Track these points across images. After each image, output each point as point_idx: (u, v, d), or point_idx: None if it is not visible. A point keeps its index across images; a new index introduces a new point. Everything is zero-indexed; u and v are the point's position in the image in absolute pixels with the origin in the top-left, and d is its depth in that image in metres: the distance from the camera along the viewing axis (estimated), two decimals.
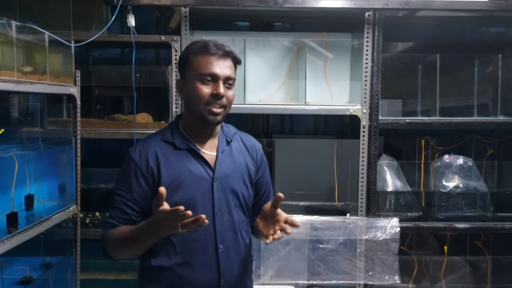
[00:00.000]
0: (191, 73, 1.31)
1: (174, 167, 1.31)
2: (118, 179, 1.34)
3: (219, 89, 1.29)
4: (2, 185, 1.77)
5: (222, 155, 1.37)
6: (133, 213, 1.33)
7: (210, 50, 1.30)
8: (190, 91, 1.31)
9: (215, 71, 1.28)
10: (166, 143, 1.35)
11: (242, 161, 1.41)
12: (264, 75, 2.41)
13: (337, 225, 2.26)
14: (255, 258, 2.23)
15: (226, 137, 1.41)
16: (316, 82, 2.38)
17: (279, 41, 2.42)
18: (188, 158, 1.33)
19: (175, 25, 2.34)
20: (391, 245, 2.24)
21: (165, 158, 1.32)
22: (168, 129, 1.39)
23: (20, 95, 2.22)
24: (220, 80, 1.29)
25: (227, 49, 1.32)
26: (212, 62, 1.29)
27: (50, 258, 2.13)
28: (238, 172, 1.38)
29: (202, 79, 1.29)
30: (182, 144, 1.35)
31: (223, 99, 1.30)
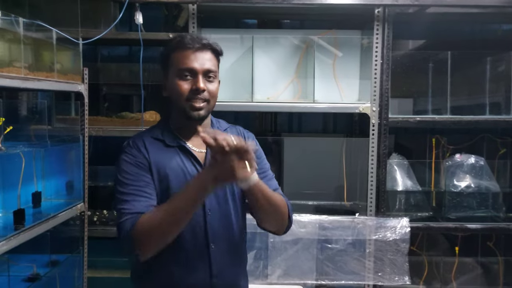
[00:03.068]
0: (171, 70, 1.29)
1: (164, 162, 1.27)
2: (119, 172, 1.29)
3: (199, 84, 1.24)
4: (9, 182, 1.77)
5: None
6: (151, 196, 1.24)
7: (186, 44, 1.26)
8: (171, 88, 1.28)
9: (192, 65, 1.25)
10: (156, 140, 1.31)
11: None
12: (272, 73, 2.39)
13: (346, 224, 2.23)
14: (262, 258, 2.21)
15: None
16: (325, 80, 2.36)
17: (287, 39, 2.40)
18: (178, 155, 1.30)
19: (183, 23, 2.33)
20: (401, 245, 2.21)
21: (156, 154, 1.28)
22: (157, 127, 1.36)
23: (29, 92, 2.22)
24: (199, 74, 1.25)
25: (204, 41, 1.27)
26: (189, 56, 1.25)
27: (57, 255, 2.13)
28: None
29: (180, 75, 1.26)
30: (172, 141, 1.31)
31: (205, 93, 1.26)
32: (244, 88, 2.33)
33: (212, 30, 2.38)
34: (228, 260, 1.32)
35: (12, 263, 1.95)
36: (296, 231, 2.21)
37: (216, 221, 1.29)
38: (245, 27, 2.70)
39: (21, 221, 1.70)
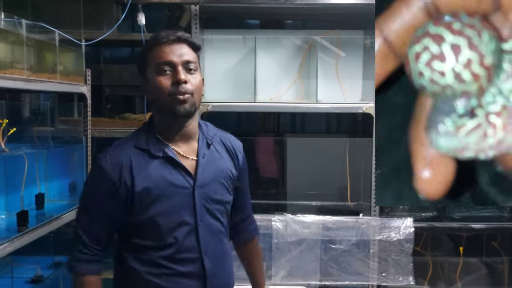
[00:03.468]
0: (148, 69, 1.21)
1: (151, 177, 1.19)
2: (87, 193, 1.22)
3: (179, 75, 1.16)
4: (12, 184, 1.77)
5: (203, 160, 1.24)
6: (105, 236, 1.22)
7: (161, 39, 1.19)
8: (152, 87, 1.19)
9: (169, 58, 1.17)
10: (140, 150, 1.21)
11: (223, 166, 1.29)
12: (275, 73, 2.39)
13: (350, 225, 2.22)
14: (266, 259, 2.20)
15: (207, 139, 1.28)
16: (328, 80, 2.35)
17: (290, 39, 2.39)
18: (165, 167, 1.20)
19: (185, 24, 2.33)
20: (405, 245, 2.20)
21: (140, 168, 1.19)
22: (141, 133, 1.25)
23: (32, 94, 2.23)
24: (179, 66, 1.17)
25: (179, 34, 1.20)
26: (165, 50, 1.18)
27: (60, 257, 2.13)
28: (221, 178, 1.27)
29: (159, 71, 1.18)
30: (158, 151, 1.21)
31: (187, 85, 1.17)
32: (247, 89, 2.33)
33: (215, 30, 2.38)
34: (221, 270, 1.28)
35: (16, 264, 1.95)
36: (299, 231, 2.21)
37: (207, 232, 1.24)
38: (247, 28, 2.70)
39: (24, 222, 1.69)
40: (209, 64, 2.37)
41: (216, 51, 2.38)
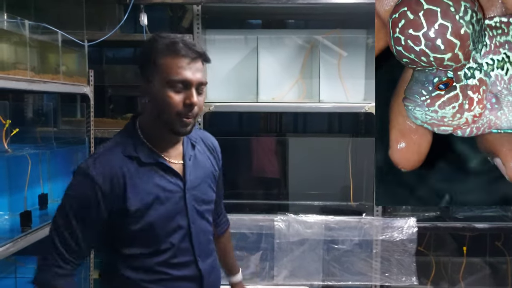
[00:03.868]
0: (159, 77, 1.13)
1: (144, 187, 1.15)
2: (70, 203, 1.13)
3: (193, 98, 1.12)
4: (16, 184, 1.78)
5: (190, 162, 1.22)
6: (86, 249, 1.16)
7: (180, 51, 1.11)
8: (159, 97, 1.13)
9: (187, 77, 1.11)
10: (129, 158, 1.16)
11: (208, 165, 1.29)
12: (277, 73, 2.38)
13: (353, 225, 2.22)
14: (268, 259, 2.20)
15: (191, 141, 1.26)
16: (330, 80, 2.35)
17: (292, 39, 2.39)
18: (156, 173, 1.17)
19: (187, 24, 2.33)
20: (408, 245, 2.19)
21: (132, 179, 1.15)
22: (128, 139, 1.19)
23: (35, 94, 2.24)
24: (193, 87, 1.12)
25: (199, 50, 1.14)
26: (183, 65, 1.11)
27: None
28: (207, 178, 1.27)
29: (172, 86, 1.11)
30: (148, 158, 1.17)
31: (196, 108, 1.14)
32: (249, 89, 2.33)
33: (217, 31, 2.38)
34: (213, 270, 1.28)
35: (20, 264, 1.96)
36: (302, 231, 2.20)
37: (199, 233, 1.24)
38: (249, 28, 2.69)
39: (27, 223, 1.70)
40: (211, 64, 2.30)
41: (218, 51, 2.38)
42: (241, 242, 2.22)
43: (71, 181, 1.16)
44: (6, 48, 1.62)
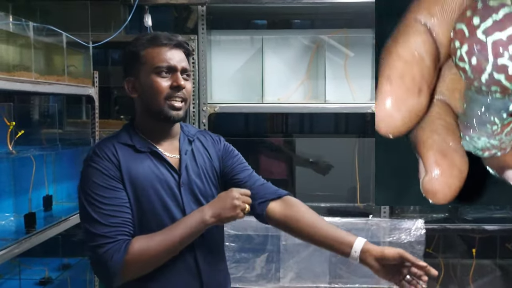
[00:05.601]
0: (144, 68, 1.17)
1: (137, 169, 1.16)
2: (89, 188, 1.12)
3: (179, 80, 1.15)
4: (21, 186, 1.78)
5: (185, 156, 1.23)
6: (130, 217, 1.13)
7: (162, 40, 1.17)
8: (146, 87, 1.17)
9: (171, 62, 1.16)
10: (125, 145, 1.18)
11: (206, 160, 1.28)
12: (282, 74, 2.37)
13: (360, 227, 2.19)
14: (274, 261, 2.19)
15: (188, 137, 1.27)
16: (336, 80, 2.33)
17: (297, 39, 2.37)
18: (150, 161, 1.18)
19: (192, 25, 2.33)
20: (416, 247, 2.17)
21: (126, 159, 1.16)
22: (123, 132, 1.22)
23: (41, 96, 2.24)
24: (178, 71, 1.17)
25: (180, 39, 1.19)
26: (166, 53, 1.17)
27: (69, 259, 2.13)
28: (205, 173, 1.25)
29: (158, 73, 1.16)
30: (143, 146, 1.19)
31: (184, 91, 1.17)
32: (254, 89, 2.31)
33: (222, 31, 2.37)
34: (215, 268, 1.25)
35: (24, 266, 1.96)
36: None
37: None
38: (255, 28, 2.68)
39: (32, 224, 1.70)
40: (216, 65, 2.36)
41: (223, 52, 2.37)
42: (246, 244, 2.20)
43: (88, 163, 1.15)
44: (11, 50, 1.62)
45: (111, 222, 1.10)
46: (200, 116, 2.20)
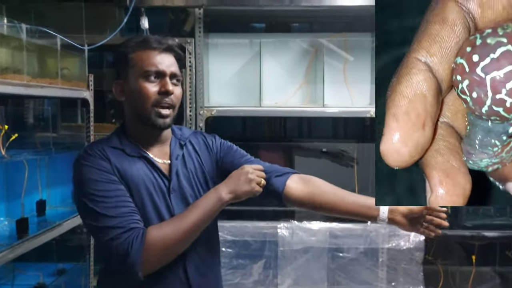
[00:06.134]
0: (133, 71, 1.13)
1: (131, 171, 1.13)
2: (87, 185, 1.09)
3: (168, 86, 1.11)
4: (14, 191, 1.75)
5: (176, 161, 1.19)
6: (134, 207, 1.10)
7: (152, 44, 1.13)
8: (134, 92, 1.13)
9: (160, 67, 1.12)
10: (115, 149, 1.14)
11: (197, 165, 1.24)
12: (280, 77, 2.35)
13: (358, 233, 2.17)
14: (271, 267, 2.16)
15: (180, 141, 1.23)
16: (335, 85, 2.30)
17: (296, 43, 2.35)
18: (141, 166, 1.15)
19: (189, 28, 2.31)
20: (415, 254, 2.14)
21: (118, 160, 1.13)
22: (114, 136, 1.18)
23: (36, 99, 2.21)
24: (167, 76, 1.13)
25: (170, 43, 1.16)
26: (156, 57, 1.13)
27: (64, 264, 2.10)
28: (195, 179, 1.22)
29: (146, 77, 1.12)
30: (133, 151, 1.15)
31: (172, 97, 1.13)
32: (252, 93, 2.29)
33: (219, 34, 2.35)
34: (206, 276, 1.21)
35: (18, 271, 1.93)
36: (306, 239, 2.16)
37: None
38: (253, 31, 2.66)
39: (24, 230, 1.67)
40: (213, 68, 2.34)
41: (221, 55, 2.35)
42: (243, 250, 2.17)
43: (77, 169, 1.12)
44: (3, 52, 1.59)
45: (119, 213, 1.06)
46: (197, 119, 2.17)
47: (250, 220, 2.21)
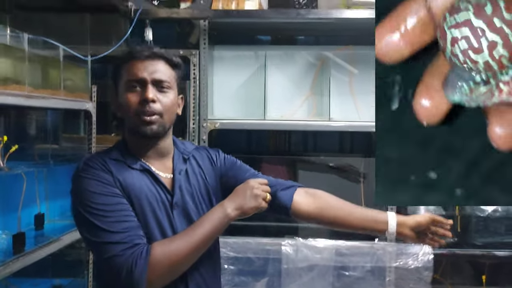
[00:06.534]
0: (120, 83, 1.13)
1: (133, 184, 1.09)
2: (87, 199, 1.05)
3: (147, 93, 1.08)
4: (11, 204, 1.71)
5: (179, 176, 1.16)
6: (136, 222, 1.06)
7: (134, 54, 1.12)
8: (121, 103, 1.12)
9: (140, 75, 1.10)
10: (117, 161, 1.11)
11: (200, 181, 1.21)
12: (286, 90, 2.31)
13: (365, 251, 2.11)
14: (274, 285, 2.10)
15: (183, 155, 1.20)
16: (341, 98, 2.26)
17: (301, 55, 2.32)
18: (144, 179, 1.12)
19: (195, 40, 2.29)
20: (423, 273, 2.08)
21: (120, 173, 1.10)
22: (114, 150, 1.15)
23: (38, 111, 2.19)
24: (148, 83, 1.10)
25: (155, 50, 1.13)
26: (137, 66, 1.10)
27: (61, 279, 2.05)
28: (199, 194, 1.19)
29: (128, 87, 1.10)
30: (135, 164, 1.12)
31: (156, 104, 1.09)
32: (257, 106, 2.26)
33: (225, 46, 2.33)
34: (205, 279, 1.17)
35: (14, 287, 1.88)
36: (311, 257, 2.10)
37: None
38: (259, 44, 2.64)
39: (21, 244, 1.62)
40: (218, 80, 2.31)
41: (226, 67, 2.32)
42: (246, 267, 2.11)
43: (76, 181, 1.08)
44: (3, 62, 1.57)
45: (122, 228, 1.02)
46: (200, 132, 2.14)
47: (253, 236, 2.16)
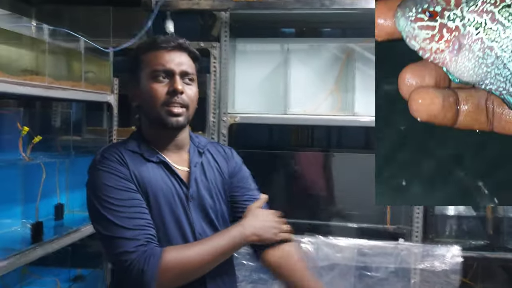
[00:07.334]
0: (142, 73, 1.12)
1: (149, 177, 1.10)
2: (102, 192, 1.05)
3: (176, 85, 1.08)
4: (31, 194, 1.73)
5: (195, 168, 1.16)
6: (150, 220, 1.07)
7: (160, 43, 1.11)
8: (144, 93, 1.11)
9: (168, 66, 1.10)
10: (133, 153, 1.11)
11: (217, 174, 1.21)
12: (309, 84, 2.25)
13: (388, 251, 2.03)
14: None
15: (198, 148, 1.21)
16: (367, 92, 2.18)
17: (326, 48, 2.25)
18: (162, 171, 1.12)
19: (217, 33, 2.26)
20: (451, 276, 1.99)
21: (136, 165, 1.10)
22: (131, 140, 1.16)
23: (63, 103, 2.21)
24: (176, 75, 1.10)
25: (180, 41, 1.12)
26: (164, 56, 1.10)
27: (82, 270, 2.07)
28: (215, 188, 1.19)
29: (155, 77, 1.09)
30: (152, 156, 1.12)
31: (183, 96, 1.09)
32: (279, 100, 2.21)
33: (247, 39, 2.29)
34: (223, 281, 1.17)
35: (35, 276, 1.91)
36: (332, 256, 2.04)
37: None
38: (282, 37, 2.58)
39: (39, 234, 1.64)
40: (240, 73, 2.28)
41: (249, 60, 2.29)
42: None
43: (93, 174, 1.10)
44: (22, 53, 1.58)
45: (135, 225, 1.03)
46: (220, 126, 2.11)
47: None
